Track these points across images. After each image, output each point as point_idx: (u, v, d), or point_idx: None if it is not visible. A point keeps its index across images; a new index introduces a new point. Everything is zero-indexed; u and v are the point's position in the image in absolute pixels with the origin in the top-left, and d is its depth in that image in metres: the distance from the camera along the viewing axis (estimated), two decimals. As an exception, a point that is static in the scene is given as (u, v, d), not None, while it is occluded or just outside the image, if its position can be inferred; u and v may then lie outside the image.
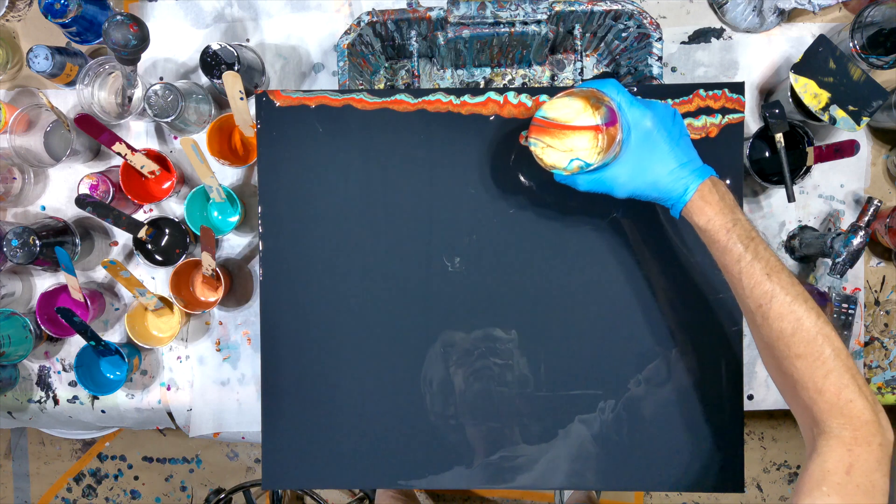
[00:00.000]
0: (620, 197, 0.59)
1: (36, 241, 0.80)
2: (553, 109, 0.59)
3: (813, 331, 0.52)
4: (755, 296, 0.54)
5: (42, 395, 0.92)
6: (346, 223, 0.72)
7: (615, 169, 0.58)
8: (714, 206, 0.56)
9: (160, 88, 0.81)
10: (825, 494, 0.49)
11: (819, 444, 0.52)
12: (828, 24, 0.87)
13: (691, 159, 0.58)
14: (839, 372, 0.52)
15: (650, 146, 0.57)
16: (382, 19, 0.77)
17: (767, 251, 0.55)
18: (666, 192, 0.57)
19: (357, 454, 0.72)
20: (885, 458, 0.51)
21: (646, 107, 0.57)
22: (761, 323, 0.55)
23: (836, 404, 0.51)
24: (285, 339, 0.72)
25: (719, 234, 0.56)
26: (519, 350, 0.72)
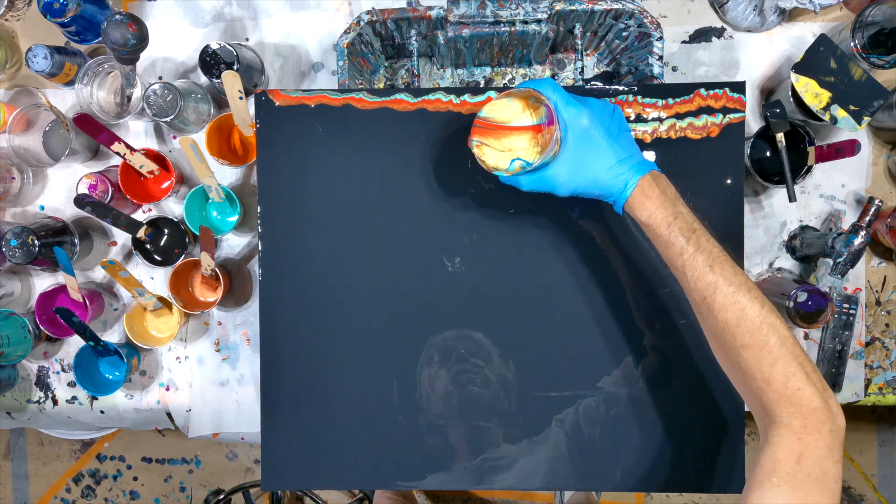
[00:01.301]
0: (563, 195, 0.59)
1: (35, 241, 0.80)
2: (492, 110, 0.59)
3: (757, 320, 0.52)
4: (699, 288, 0.54)
5: (41, 396, 0.92)
6: (346, 223, 0.72)
7: (555, 168, 0.58)
8: (655, 200, 0.56)
9: (159, 88, 0.81)
10: (775, 485, 0.48)
11: (770, 434, 0.52)
12: (829, 24, 0.87)
13: (631, 155, 0.57)
14: (786, 360, 0.51)
15: (588, 144, 0.57)
16: (382, 18, 0.76)
17: (710, 242, 0.55)
18: (607, 189, 0.57)
19: (356, 455, 0.72)
20: (837, 444, 0.50)
21: (582, 105, 0.57)
22: (707, 315, 0.55)
23: (784, 393, 0.51)
24: (284, 340, 0.72)
25: (661, 228, 0.56)
26: (519, 349, 0.71)
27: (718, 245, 0.55)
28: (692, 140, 0.71)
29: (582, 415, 0.71)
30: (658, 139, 0.71)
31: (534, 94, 0.57)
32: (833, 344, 0.86)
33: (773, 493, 0.48)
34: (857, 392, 0.89)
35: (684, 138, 0.71)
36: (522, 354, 0.71)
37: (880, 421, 1.59)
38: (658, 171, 0.58)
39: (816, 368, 0.53)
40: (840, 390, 0.87)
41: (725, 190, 0.71)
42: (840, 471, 0.49)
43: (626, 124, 0.60)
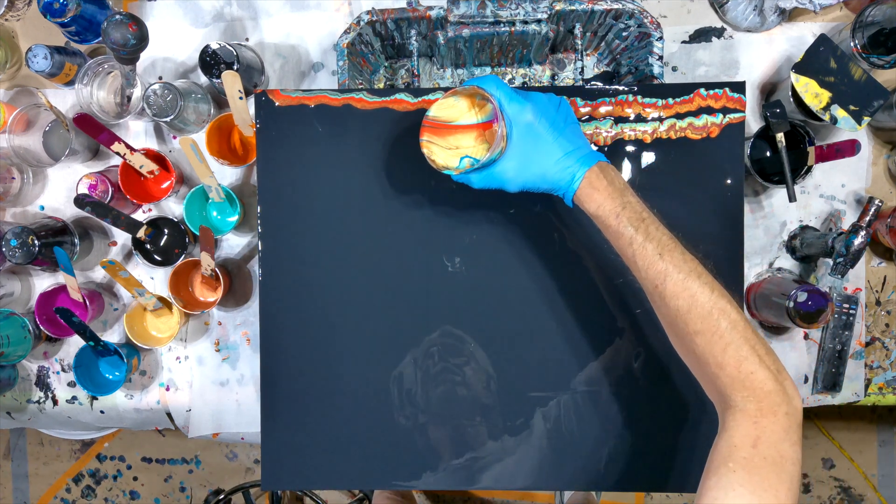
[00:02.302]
0: (513, 191, 0.59)
1: (35, 241, 0.80)
2: (439, 109, 0.59)
3: (708, 306, 0.52)
4: (650, 277, 0.54)
5: (41, 396, 0.92)
6: (346, 223, 0.72)
7: (503, 164, 0.58)
8: (602, 191, 0.56)
9: (159, 88, 0.81)
10: (731, 471, 0.48)
11: (726, 419, 0.51)
12: (829, 24, 0.87)
13: (577, 147, 0.57)
14: (737, 344, 0.51)
15: (534, 139, 0.57)
16: (382, 18, 0.76)
17: (659, 230, 0.55)
18: (555, 183, 0.57)
19: (356, 455, 0.72)
20: (794, 426, 0.49)
21: (525, 100, 0.57)
22: (660, 303, 0.55)
23: (737, 377, 0.51)
24: (284, 340, 0.72)
25: (609, 219, 0.56)
26: (520, 349, 0.71)
27: (668, 232, 0.55)
28: (692, 140, 0.71)
29: (586, 414, 0.71)
30: (658, 139, 0.71)
31: (479, 92, 0.58)
32: (833, 344, 0.86)
33: (730, 478, 0.47)
34: (857, 392, 0.89)
35: (684, 138, 0.71)
36: (523, 354, 0.71)
37: (880, 421, 1.59)
38: (606, 161, 0.58)
39: (771, 351, 0.52)
40: (840, 390, 0.87)
41: (725, 190, 0.71)
42: (798, 453, 0.49)
43: (574, 117, 0.60)
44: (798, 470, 0.48)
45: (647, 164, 0.71)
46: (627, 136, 0.71)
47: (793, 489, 0.47)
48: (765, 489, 0.46)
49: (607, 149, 0.71)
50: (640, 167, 0.71)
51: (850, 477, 1.60)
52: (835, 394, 0.88)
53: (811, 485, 1.60)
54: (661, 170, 0.71)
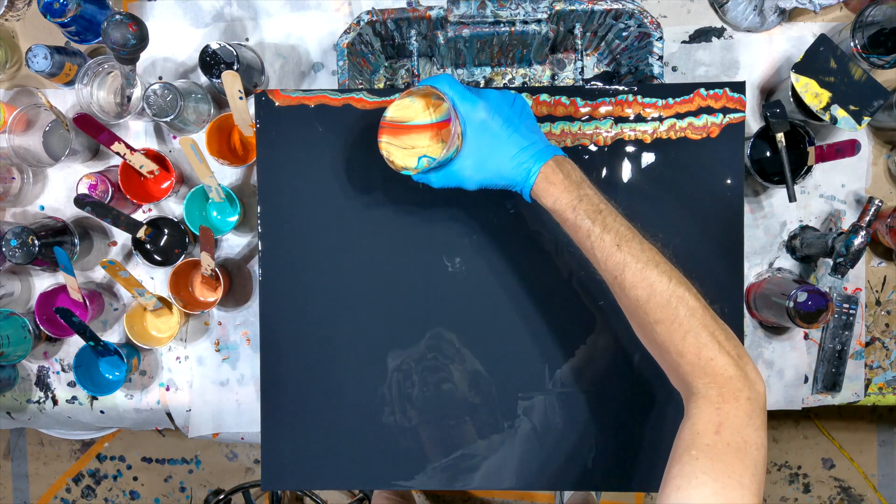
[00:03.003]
0: (472, 189, 0.59)
1: (35, 241, 0.80)
2: (396, 110, 0.60)
3: (666, 294, 0.52)
4: (609, 268, 0.54)
5: (41, 396, 0.92)
6: (346, 223, 0.72)
7: (459, 162, 0.58)
8: (558, 185, 0.56)
9: (159, 88, 0.81)
10: (694, 458, 0.47)
11: (689, 406, 0.51)
12: (829, 24, 0.87)
13: (532, 143, 0.57)
14: (696, 331, 0.51)
15: (488, 136, 0.57)
16: (382, 18, 0.76)
17: (617, 221, 0.55)
18: (512, 179, 0.57)
19: (356, 455, 0.72)
20: (757, 411, 0.49)
21: (477, 97, 0.57)
22: (620, 294, 0.55)
23: (697, 364, 0.51)
24: (285, 340, 0.72)
25: (566, 213, 0.55)
26: (520, 349, 0.71)
27: (626, 223, 0.55)
28: (692, 140, 0.71)
29: (592, 413, 0.71)
30: (658, 139, 0.71)
31: (434, 92, 0.58)
32: (833, 344, 0.86)
33: (692, 466, 0.47)
34: (857, 392, 0.89)
35: (684, 138, 0.71)
36: (525, 353, 0.71)
37: (880, 421, 1.59)
38: (563, 156, 0.58)
39: (732, 336, 0.52)
40: (840, 390, 0.87)
41: (725, 190, 0.71)
42: (763, 438, 0.49)
43: (529, 112, 0.60)
44: (763, 455, 0.48)
45: (647, 164, 0.71)
46: (627, 137, 0.71)
47: (757, 474, 0.47)
48: (728, 475, 0.46)
49: (607, 149, 0.71)
50: (640, 167, 0.71)
51: (851, 477, 1.60)
52: (835, 394, 0.88)
53: (811, 485, 1.60)
54: (661, 170, 0.71)
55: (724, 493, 0.45)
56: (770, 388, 0.88)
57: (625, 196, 0.71)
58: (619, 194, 0.71)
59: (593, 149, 0.71)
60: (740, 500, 0.45)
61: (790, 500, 1.61)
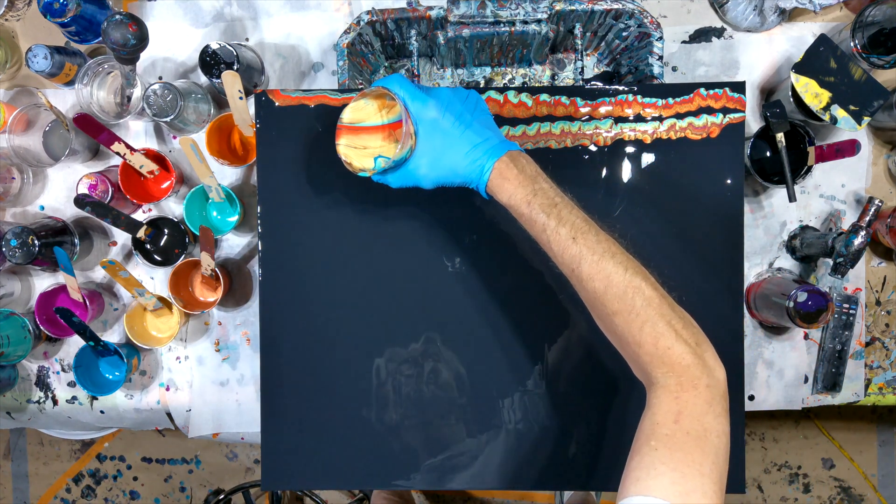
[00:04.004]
0: (429, 188, 0.60)
1: (35, 241, 0.80)
2: (351, 112, 0.60)
3: (622, 285, 0.51)
4: (566, 261, 0.54)
5: (41, 396, 0.92)
6: (346, 223, 0.72)
7: (415, 161, 0.58)
8: (513, 180, 0.55)
9: (159, 88, 0.81)
10: (653, 449, 0.47)
11: (650, 397, 0.51)
12: (829, 24, 0.87)
13: (486, 139, 0.57)
14: (653, 321, 0.50)
15: (440, 134, 0.57)
16: (382, 18, 0.76)
17: (573, 213, 0.54)
18: (467, 177, 0.57)
19: (356, 455, 0.72)
20: (716, 398, 0.49)
21: (427, 96, 0.57)
22: (578, 287, 0.54)
23: (655, 354, 0.50)
24: (285, 340, 0.72)
25: (522, 207, 0.55)
26: (521, 349, 0.71)
27: (583, 215, 0.55)
28: (692, 140, 0.71)
29: (596, 412, 0.71)
30: (658, 139, 0.71)
31: (387, 92, 0.58)
32: (833, 344, 0.86)
33: (652, 457, 0.46)
34: (857, 392, 0.89)
35: (684, 138, 0.71)
36: (526, 353, 0.71)
37: (880, 421, 1.59)
38: (518, 150, 0.57)
39: (691, 324, 0.52)
40: (840, 390, 0.87)
41: (725, 190, 0.71)
42: (724, 425, 0.48)
43: (484, 108, 0.59)
44: (724, 442, 0.48)
45: (646, 164, 0.71)
46: (627, 137, 0.71)
47: (718, 462, 0.46)
48: (687, 464, 0.45)
49: (607, 149, 0.71)
50: (640, 167, 0.71)
51: (851, 477, 1.60)
52: (835, 394, 0.88)
53: (811, 485, 1.60)
54: (661, 170, 0.71)
55: (684, 483, 0.44)
56: (770, 388, 0.88)
57: (625, 196, 0.71)
58: (619, 194, 0.71)
59: (593, 149, 0.71)
60: (700, 489, 0.44)
61: (790, 500, 1.61)
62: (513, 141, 0.59)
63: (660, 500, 0.43)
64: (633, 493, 0.45)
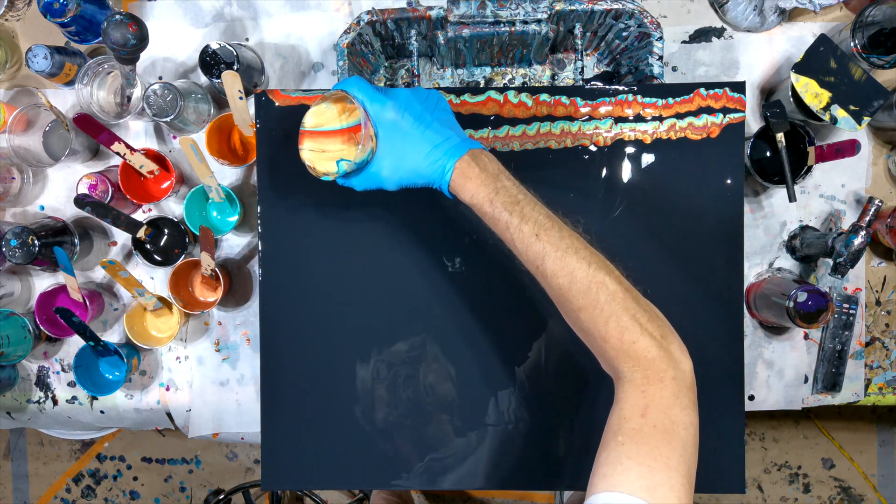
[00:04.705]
0: (393, 189, 0.59)
1: (35, 241, 0.80)
2: (312, 117, 0.60)
3: (586, 281, 0.51)
4: (530, 258, 0.54)
5: (41, 396, 0.92)
6: (346, 223, 0.72)
7: (377, 163, 0.58)
8: (475, 179, 0.55)
9: (159, 88, 0.81)
10: (620, 444, 0.47)
11: (617, 392, 0.51)
12: (829, 24, 0.87)
13: (447, 138, 0.57)
14: (617, 315, 0.50)
15: (400, 136, 0.57)
16: (382, 18, 0.76)
17: (535, 210, 0.54)
18: (429, 177, 0.57)
19: (356, 455, 0.72)
20: (683, 390, 0.49)
21: (385, 97, 0.57)
22: (543, 283, 0.54)
23: (621, 349, 0.50)
24: (285, 340, 0.72)
25: (484, 206, 0.55)
26: (521, 348, 0.71)
27: (546, 211, 0.54)
28: (692, 140, 0.71)
29: (590, 413, 0.71)
30: (658, 139, 0.71)
31: (347, 95, 0.58)
32: (833, 344, 0.86)
33: (618, 452, 0.46)
34: (857, 392, 0.89)
35: (684, 138, 0.71)
36: (527, 353, 0.71)
37: (880, 421, 1.59)
38: (481, 149, 0.57)
39: (656, 317, 0.51)
40: (840, 390, 0.87)
41: (725, 190, 0.71)
42: (691, 416, 0.48)
43: (445, 107, 0.59)
44: (692, 434, 0.47)
45: (647, 164, 0.71)
46: (627, 137, 0.71)
47: (686, 454, 0.46)
48: (654, 458, 0.45)
49: (607, 149, 0.71)
50: (640, 167, 0.71)
51: (851, 477, 1.60)
52: (835, 394, 0.88)
53: (811, 485, 1.60)
54: (661, 170, 0.71)
55: (651, 477, 0.44)
56: (770, 388, 0.88)
57: (625, 196, 0.71)
58: (619, 195, 0.71)
59: (593, 149, 0.71)
60: (667, 483, 0.44)
61: (790, 500, 1.61)
62: (477, 140, 0.58)
63: (627, 495, 0.43)
64: (601, 489, 0.45)
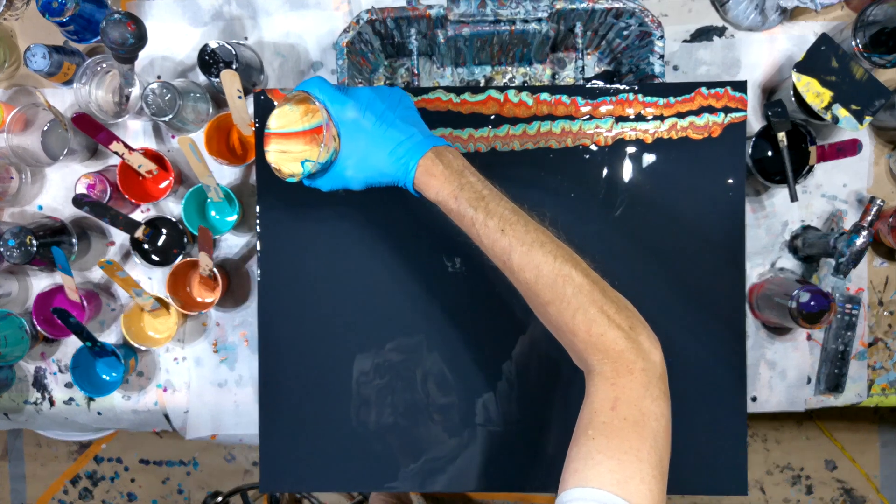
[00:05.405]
0: (359, 189, 0.59)
1: (32, 241, 0.80)
2: (276, 119, 0.59)
3: (552, 275, 0.51)
4: (497, 253, 0.53)
5: (38, 397, 0.92)
6: (345, 223, 0.71)
7: (341, 163, 0.58)
8: (438, 176, 0.55)
9: (158, 87, 0.81)
10: (590, 438, 0.46)
11: (588, 385, 0.50)
12: (830, 23, 0.87)
13: (409, 136, 0.56)
14: (584, 308, 0.50)
15: (363, 135, 0.56)
16: (382, 17, 0.76)
17: (501, 205, 0.54)
18: (393, 176, 0.57)
19: (354, 457, 0.71)
20: (653, 381, 0.48)
21: (346, 97, 0.57)
22: (512, 279, 0.54)
23: (589, 342, 0.50)
24: (283, 341, 0.71)
25: (449, 203, 0.55)
26: (520, 348, 0.71)
27: (511, 206, 0.54)
28: (693, 139, 0.70)
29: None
30: (659, 139, 0.70)
31: (309, 96, 0.58)
32: (836, 344, 0.86)
33: (589, 446, 0.46)
34: (860, 393, 0.88)
35: (685, 138, 0.70)
36: (528, 355, 0.71)
37: (882, 422, 1.59)
38: (445, 145, 0.57)
39: (625, 308, 0.51)
40: (843, 391, 0.87)
41: (727, 189, 0.70)
42: (662, 407, 0.48)
43: (408, 104, 0.59)
44: (663, 425, 0.47)
45: (648, 163, 0.70)
46: (628, 136, 0.70)
47: (657, 445, 0.46)
48: (625, 451, 0.45)
49: (608, 149, 0.71)
50: (641, 167, 0.70)
51: (853, 478, 1.59)
52: (837, 395, 0.88)
53: (813, 486, 1.60)
54: (663, 169, 0.70)
55: (621, 470, 0.44)
56: (772, 390, 0.88)
57: (626, 196, 0.71)
58: (620, 194, 0.71)
59: (594, 148, 0.71)
60: (638, 475, 0.44)
61: (792, 502, 1.60)
62: (441, 137, 0.58)
63: (598, 489, 0.43)
64: (572, 484, 0.44)
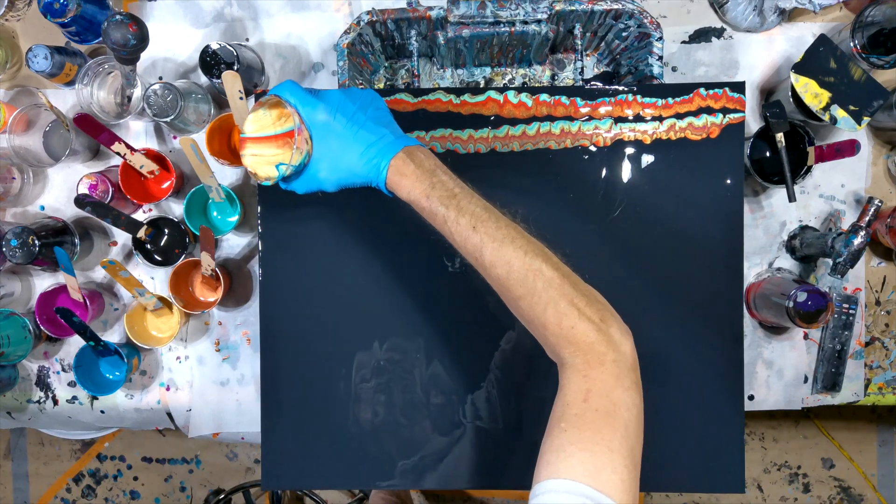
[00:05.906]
0: (333, 191, 0.60)
1: (35, 241, 0.80)
2: (251, 123, 0.60)
3: (522, 270, 0.51)
4: (469, 251, 0.54)
5: (41, 396, 0.92)
6: (346, 223, 0.72)
7: (314, 166, 0.58)
8: (410, 175, 0.55)
9: (159, 88, 0.81)
10: (563, 431, 0.47)
11: (560, 378, 0.51)
12: (828, 24, 0.87)
13: (381, 136, 0.57)
14: (555, 302, 0.50)
15: (334, 137, 0.57)
16: (382, 19, 0.76)
17: (472, 202, 0.54)
18: (365, 177, 0.57)
19: (356, 454, 0.72)
20: (625, 371, 0.49)
21: (317, 100, 0.57)
22: (484, 275, 0.55)
23: (560, 335, 0.50)
24: (285, 340, 0.72)
25: (421, 202, 0.55)
26: (521, 348, 0.71)
27: (483, 203, 0.55)
28: (692, 140, 0.71)
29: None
30: (658, 139, 0.71)
31: (282, 101, 0.58)
32: (833, 344, 0.86)
33: (561, 439, 0.46)
34: (857, 392, 0.89)
35: (684, 139, 0.71)
36: (532, 350, 0.71)
37: (880, 421, 1.59)
38: (417, 145, 0.57)
39: (595, 300, 0.52)
40: (840, 390, 0.87)
41: (725, 190, 0.71)
42: (633, 398, 0.48)
43: (379, 105, 0.59)
44: (634, 414, 0.48)
45: (646, 164, 0.71)
46: (627, 137, 0.71)
47: (629, 435, 0.46)
48: (596, 443, 0.45)
49: (607, 149, 0.71)
50: (639, 167, 0.71)
51: (850, 477, 1.60)
52: (835, 394, 0.88)
53: (811, 485, 1.60)
54: (661, 170, 0.71)
55: (593, 462, 0.45)
56: (770, 388, 0.88)
57: (625, 196, 0.71)
58: (618, 195, 0.71)
59: (593, 149, 0.71)
60: (609, 465, 0.44)
61: (790, 500, 1.61)
62: (412, 136, 0.59)
63: (570, 480, 0.44)
64: (545, 477, 0.45)
